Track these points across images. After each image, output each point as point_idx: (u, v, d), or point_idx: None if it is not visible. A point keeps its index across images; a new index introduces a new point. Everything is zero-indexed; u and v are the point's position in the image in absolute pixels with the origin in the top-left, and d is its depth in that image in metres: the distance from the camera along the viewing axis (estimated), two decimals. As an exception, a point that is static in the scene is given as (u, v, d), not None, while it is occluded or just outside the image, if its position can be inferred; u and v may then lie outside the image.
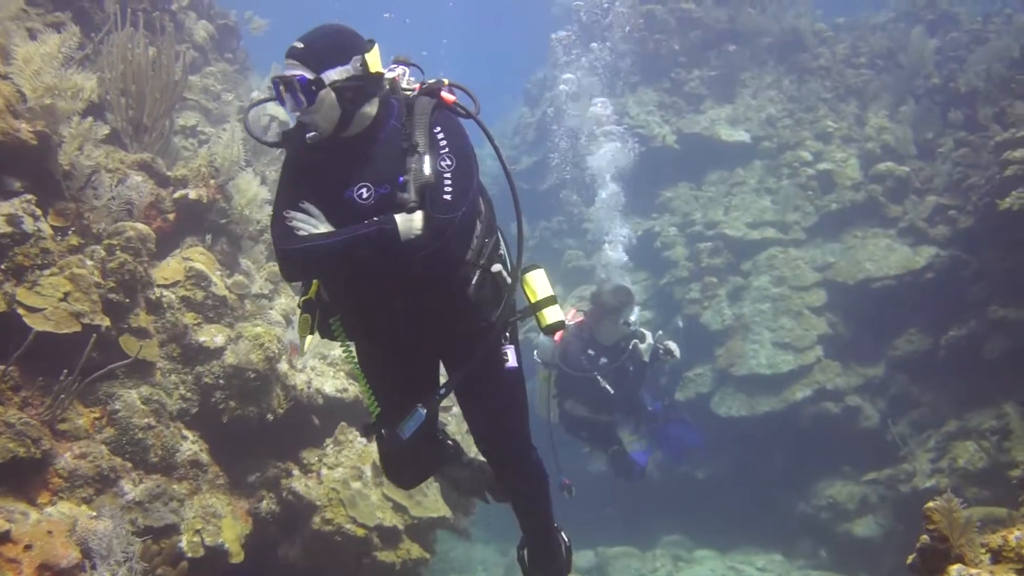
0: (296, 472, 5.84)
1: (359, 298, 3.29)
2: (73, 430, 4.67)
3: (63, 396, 4.59)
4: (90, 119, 5.58)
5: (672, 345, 8.02)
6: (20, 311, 4.56)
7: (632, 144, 13.60)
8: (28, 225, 4.78)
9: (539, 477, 3.88)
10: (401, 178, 3.05)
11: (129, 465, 4.82)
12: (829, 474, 10.18)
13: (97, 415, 4.88)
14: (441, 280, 3.19)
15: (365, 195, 3.11)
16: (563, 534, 4.03)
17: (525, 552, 3.98)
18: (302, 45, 3.04)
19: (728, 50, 13.98)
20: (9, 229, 4.66)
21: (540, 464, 3.90)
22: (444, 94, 3.28)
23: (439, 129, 3.16)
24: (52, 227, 5.05)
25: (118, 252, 5.19)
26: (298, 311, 3.45)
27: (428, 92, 3.30)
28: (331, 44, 3.11)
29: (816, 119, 13.04)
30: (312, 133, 3.06)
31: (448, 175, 3.07)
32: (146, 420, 4.95)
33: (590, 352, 7.86)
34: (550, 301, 3.55)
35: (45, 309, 4.66)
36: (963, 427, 8.89)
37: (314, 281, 3.39)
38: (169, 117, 6.84)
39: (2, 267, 4.61)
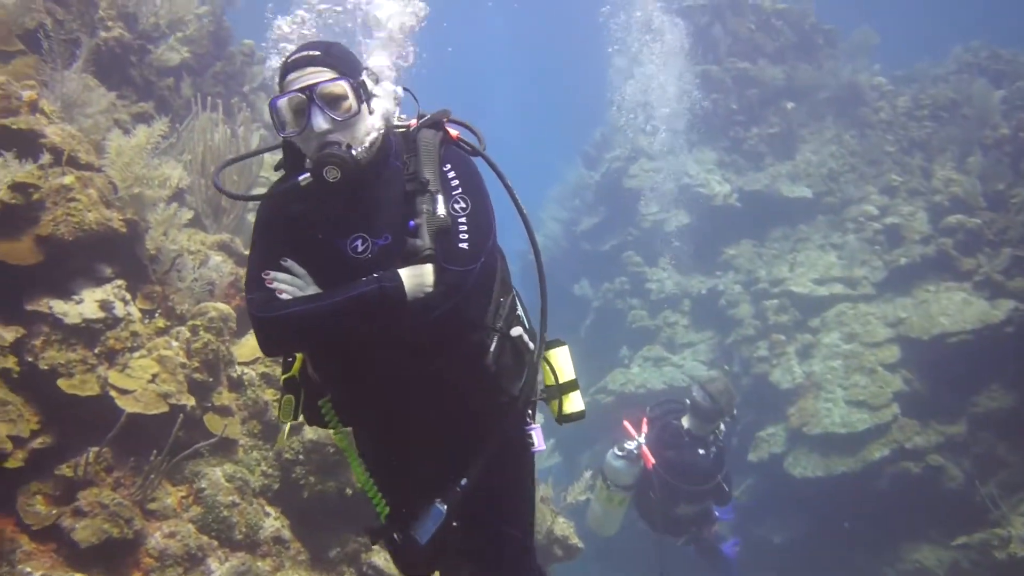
0: (375, 546, 5.84)
1: (354, 373, 2.69)
2: (162, 509, 4.76)
3: (152, 476, 4.69)
4: (175, 205, 5.80)
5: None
6: (112, 393, 4.70)
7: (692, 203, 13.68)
8: (119, 310, 4.95)
9: None
10: (412, 222, 2.54)
11: (215, 543, 4.88)
12: (914, 537, 9.83)
13: (184, 494, 4.97)
14: (454, 347, 2.63)
15: (361, 248, 2.58)
16: None
17: None
18: (319, 52, 2.53)
19: (786, 107, 13.99)
20: (102, 314, 4.84)
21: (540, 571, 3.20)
22: (449, 128, 2.78)
23: (449, 167, 2.64)
24: (140, 310, 5.22)
25: (201, 332, 5.33)
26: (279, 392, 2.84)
27: (431, 125, 2.76)
28: (346, 51, 2.62)
29: (880, 173, 12.93)
30: (358, 149, 2.51)
31: (463, 220, 2.55)
32: (231, 498, 5.02)
33: (700, 452, 7.11)
34: (573, 386, 3.05)
35: (135, 391, 4.79)
36: (1060, 490, 8.55)
37: (297, 354, 2.82)
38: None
39: (96, 351, 4.77)
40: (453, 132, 2.79)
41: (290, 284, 2.57)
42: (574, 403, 3.02)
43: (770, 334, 11.80)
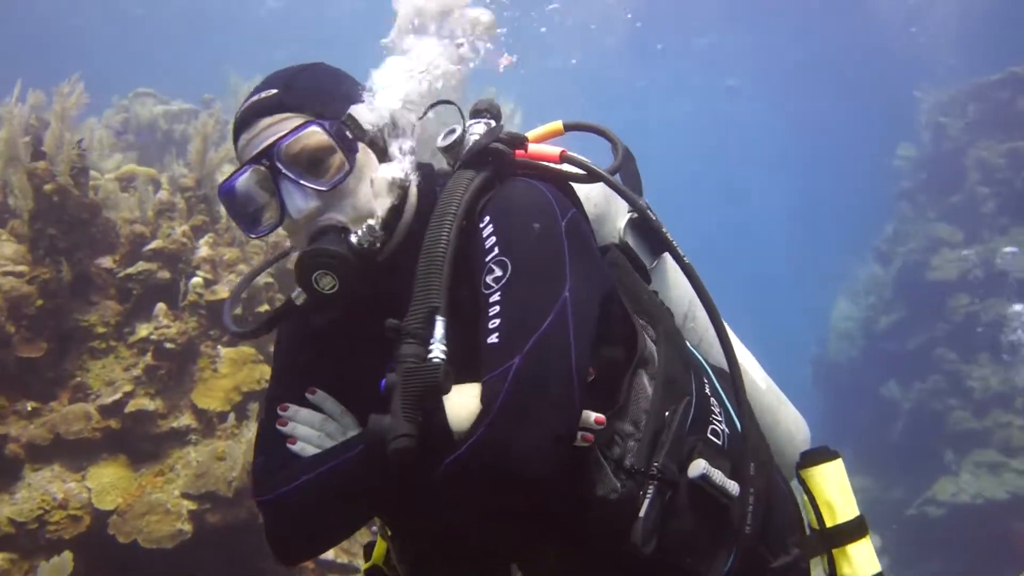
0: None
1: (446, 564, 1.70)
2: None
3: None
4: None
5: None
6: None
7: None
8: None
9: None
10: (383, 380, 1.44)
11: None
12: None
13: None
14: (562, 514, 1.54)
15: None
16: None
17: None
18: (275, 90, 1.62)
19: (1119, 175, 12.63)
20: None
21: None
22: (532, 148, 1.71)
23: (487, 220, 1.58)
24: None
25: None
26: None
27: (473, 160, 1.66)
28: (320, 77, 1.72)
29: None
30: (361, 231, 1.58)
31: (497, 297, 1.49)
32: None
33: None
34: (859, 530, 1.77)
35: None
36: None
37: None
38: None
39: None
40: (547, 151, 1.72)
41: (307, 434, 1.68)
42: (861, 562, 1.73)
43: None
